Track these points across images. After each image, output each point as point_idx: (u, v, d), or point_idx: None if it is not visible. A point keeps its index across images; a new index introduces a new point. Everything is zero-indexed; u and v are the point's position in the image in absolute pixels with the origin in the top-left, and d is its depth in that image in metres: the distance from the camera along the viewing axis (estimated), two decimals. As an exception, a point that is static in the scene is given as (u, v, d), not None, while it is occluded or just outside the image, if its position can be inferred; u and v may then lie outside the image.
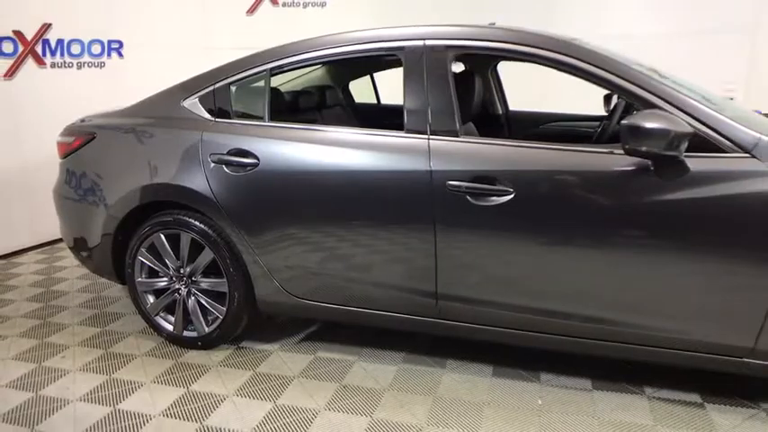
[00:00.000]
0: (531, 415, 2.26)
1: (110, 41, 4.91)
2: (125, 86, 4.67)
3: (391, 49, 2.44)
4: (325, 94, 3.54)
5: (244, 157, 2.52)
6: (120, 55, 5.00)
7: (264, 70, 2.62)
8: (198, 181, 2.59)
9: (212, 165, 2.56)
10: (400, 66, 2.40)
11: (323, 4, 5.84)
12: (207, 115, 2.69)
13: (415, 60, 2.36)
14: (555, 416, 2.25)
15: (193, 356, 2.78)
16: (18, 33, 4.30)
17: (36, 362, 2.76)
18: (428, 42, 2.36)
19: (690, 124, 1.97)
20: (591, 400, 2.35)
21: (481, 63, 3.41)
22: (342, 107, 3.73)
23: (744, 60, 4.99)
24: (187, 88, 2.77)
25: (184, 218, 2.67)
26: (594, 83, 2.16)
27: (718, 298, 2.02)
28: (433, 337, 2.79)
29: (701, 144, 1.99)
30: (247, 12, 5.74)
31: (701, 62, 4.90)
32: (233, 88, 2.68)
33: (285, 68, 2.63)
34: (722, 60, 4.94)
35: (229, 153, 2.54)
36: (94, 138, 2.88)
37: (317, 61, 2.61)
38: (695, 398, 2.34)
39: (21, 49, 4.32)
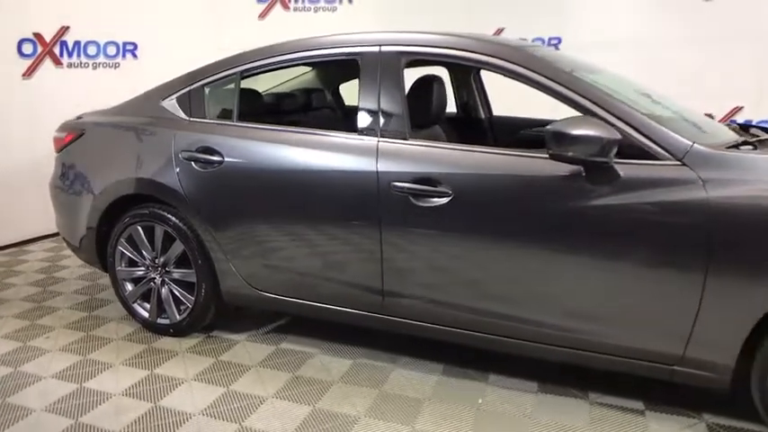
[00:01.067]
0: (469, 413, 2.30)
1: (125, 43, 5.16)
2: (139, 86, 4.89)
3: (350, 54, 2.53)
4: (311, 97, 3.66)
5: (210, 154, 2.66)
6: (135, 56, 5.25)
7: (235, 73, 2.76)
8: (169, 176, 2.74)
9: (183, 161, 2.71)
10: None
11: (333, 9, 5.98)
12: (182, 115, 2.84)
13: (371, 65, 2.45)
14: (491, 415, 2.29)
15: (165, 342, 2.93)
16: (38, 35, 4.58)
17: (22, 341, 2.96)
18: (383, 48, 2.45)
19: (622, 130, 2.00)
20: (533, 401, 2.38)
21: (461, 69, 3.46)
22: (331, 109, 3.84)
23: (755, 68, 4.88)
24: (167, 89, 2.94)
25: (159, 211, 2.82)
26: (537, 89, 2.20)
27: (649, 305, 2.03)
28: (392, 334, 2.85)
29: (635, 150, 2.01)
30: (259, 16, 5.93)
31: (712, 69, 4.83)
32: (206, 90, 2.82)
33: (254, 71, 2.75)
34: (733, 68, 4.85)
35: (197, 150, 2.69)
36: (83, 134, 3.08)
37: (284, 65, 2.71)
38: (638, 405, 2.34)
39: (39, 50, 4.60)
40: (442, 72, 3.28)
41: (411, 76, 2.59)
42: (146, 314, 3.00)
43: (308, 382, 2.54)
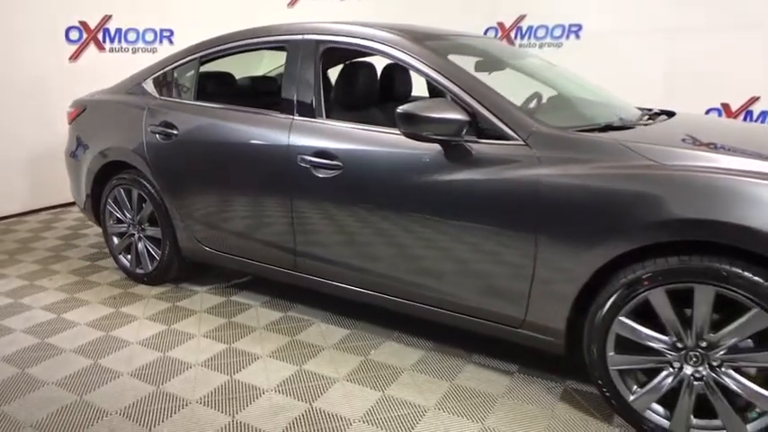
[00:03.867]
0: (356, 361, 2.61)
1: (162, 30, 5.76)
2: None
3: (281, 41, 2.87)
4: (265, 80, 4.01)
5: (170, 128, 3.10)
6: (171, 42, 5.84)
7: (195, 58, 3.18)
8: (140, 147, 3.21)
9: (150, 134, 3.17)
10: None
11: (358, -3, 6.28)
12: (155, 93, 3.30)
13: (294, 51, 2.78)
14: (374, 364, 2.58)
15: (139, 289, 3.44)
16: (83, 23, 5.26)
17: (30, 280, 3.58)
18: (305, 37, 2.76)
19: (479, 113, 2.21)
20: (418, 357, 2.64)
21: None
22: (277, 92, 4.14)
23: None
24: (148, 71, 3.41)
25: (135, 176, 3.31)
26: (416, 72, 2.46)
27: (496, 271, 2.23)
28: (328, 295, 3.17)
29: (490, 130, 2.21)
30: (288, 5, 6.36)
31: (730, 58, 4.72)
32: (175, 72, 3.26)
33: (211, 57, 3.16)
34: (751, 57, 4.70)
35: (160, 125, 3.13)
36: (86, 109, 3.63)
37: (232, 51, 3.08)
38: (513, 368, 2.55)
39: (84, 36, 5.28)
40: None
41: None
42: (127, 264, 3.52)
43: (237, 327, 2.95)
